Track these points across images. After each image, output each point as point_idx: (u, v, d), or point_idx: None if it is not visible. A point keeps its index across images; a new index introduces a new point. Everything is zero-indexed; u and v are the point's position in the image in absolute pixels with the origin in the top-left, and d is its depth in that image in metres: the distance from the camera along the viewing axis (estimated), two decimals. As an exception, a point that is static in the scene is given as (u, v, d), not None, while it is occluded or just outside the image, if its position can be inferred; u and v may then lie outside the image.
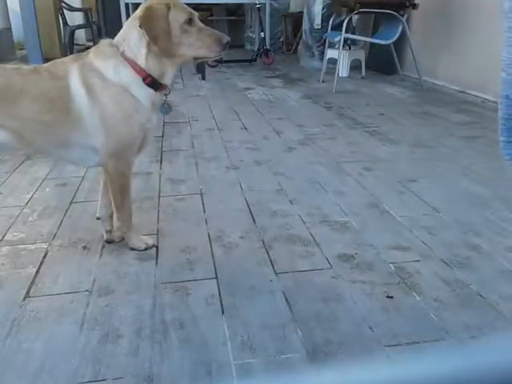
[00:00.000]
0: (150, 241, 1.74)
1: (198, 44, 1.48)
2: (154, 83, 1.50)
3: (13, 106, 1.45)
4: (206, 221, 1.95)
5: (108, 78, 1.47)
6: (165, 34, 1.43)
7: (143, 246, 1.71)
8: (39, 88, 1.46)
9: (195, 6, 7.28)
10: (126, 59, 1.47)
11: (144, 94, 1.50)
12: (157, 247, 1.73)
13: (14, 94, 1.45)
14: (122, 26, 1.53)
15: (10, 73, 1.48)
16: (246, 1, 6.95)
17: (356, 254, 1.69)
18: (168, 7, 1.43)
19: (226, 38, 1.50)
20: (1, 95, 1.43)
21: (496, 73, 4.38)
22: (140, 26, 1.44)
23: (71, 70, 1.47)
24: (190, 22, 1.46)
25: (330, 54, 5.22)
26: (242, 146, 2.97)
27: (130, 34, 1.48)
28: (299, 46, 6.70)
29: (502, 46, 1.15)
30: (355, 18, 5.38)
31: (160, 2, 1.45)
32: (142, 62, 1.47)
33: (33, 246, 1.75)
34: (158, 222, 1.94)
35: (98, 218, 1.78)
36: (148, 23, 1.44)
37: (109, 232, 1.76)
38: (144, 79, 1.49)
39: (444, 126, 3.39)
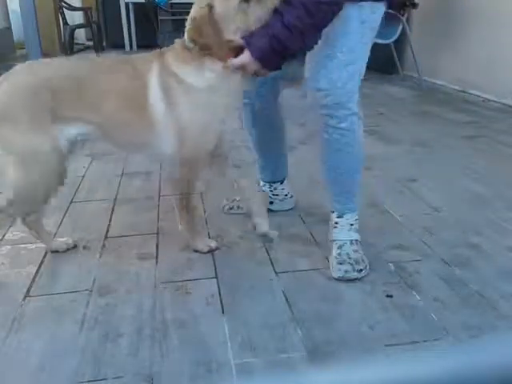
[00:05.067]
0: (213, 243, 1.70)
1: (270, 5, 1.31)
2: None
3: (95, 99, 1.40)
4: (206, 220, 1.95)
5: (190, 83, 1.39)
6: (216, 39, 1.33)
7: (206, 249, 1.68)
8: (120, 84, 1.41)
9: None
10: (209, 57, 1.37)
11: (230, 87, 1.41)
12: (157, 246, 1.74)
13: (98, 86, 1.39)
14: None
15: (95, 64, 1.45)
16: (246, 0, 6.93)
17: (356, 253, 1.68)
18: (210, 7, 1.32)
19: None
20: (84, 87, 1.38)
21: (497, 72, 4.37)
22: (191, 42, 1.36)
23: (151, 69, 1.41)
24: None
25: (330, 53, 5.21)
26: (242, 144, 2.96)
27: None
28: (299, 46, 6.68)
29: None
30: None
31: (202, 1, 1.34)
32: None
33: (33, 246, 1.75)
34: (158, 222, 1.94)
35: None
36: (197, 37, 1.34)
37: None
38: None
39: (444, 126, 3.39)
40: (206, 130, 1.44)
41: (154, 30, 6.67)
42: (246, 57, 1.34)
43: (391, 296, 1.45)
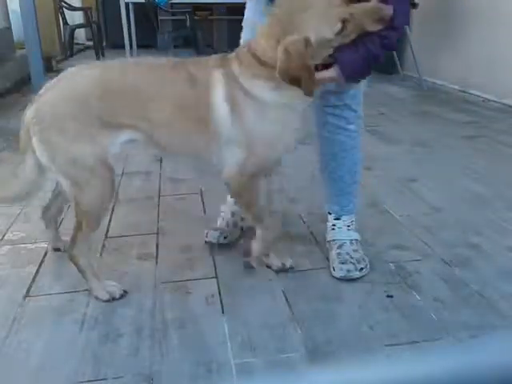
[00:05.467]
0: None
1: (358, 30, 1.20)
2: None
3: (145, 107, 1.31)
4: (207, 220, 1.95)
5: (264, 100, 1.29)
6: (307, 75, 1.20)
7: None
8: (176, 91, 1.32)
9: (195, 6, 7.22)
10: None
11: (302, 104, 1.34)
12: (157, 246, 1.74)
13: (149, 93, 1.31)
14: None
15: (146, 70, 1.36)
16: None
17: (356, 253, 1.68)
18: (307, 42, 1.17)
19: (387, 12, 1.17)
20: (135, 94, 1.31)
21: (497, 72, 4.37)
22: (281, 76, 1.22)
23: (215, 78, 1.30)
24: (343, 26, 1.18)
25: (330, 53, 5.21)
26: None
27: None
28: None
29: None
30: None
31: (300, 28, 1.18)
32: None
33: (33, 246, 1.75)
34: (158, 222, 1.94)
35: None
36: (287, 76, 1.21)
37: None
38: None
39: (444, 126, 3.39)
40: (276, 144, 1.37)
41: (154, 30, 6.67)
42: (333, 73, 1.26)
43: (391, 296, 1.45)
